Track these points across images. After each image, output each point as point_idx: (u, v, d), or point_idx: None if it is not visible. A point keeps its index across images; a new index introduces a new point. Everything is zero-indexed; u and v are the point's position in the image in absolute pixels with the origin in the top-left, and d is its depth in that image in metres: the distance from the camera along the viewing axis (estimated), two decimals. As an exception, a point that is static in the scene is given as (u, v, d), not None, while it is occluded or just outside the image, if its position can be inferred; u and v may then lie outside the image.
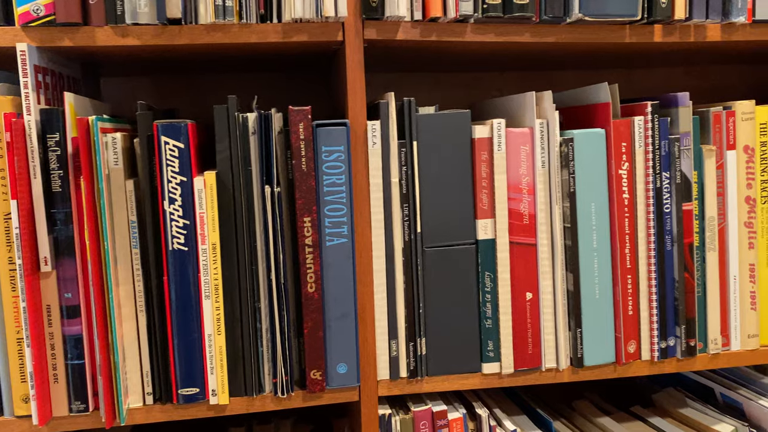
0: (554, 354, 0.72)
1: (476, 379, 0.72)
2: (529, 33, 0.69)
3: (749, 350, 0.77)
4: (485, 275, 0.71)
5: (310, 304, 0.67)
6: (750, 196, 0.75)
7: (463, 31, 0.68)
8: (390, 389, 0.70)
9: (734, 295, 0.75)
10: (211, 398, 0.67)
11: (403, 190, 0.68)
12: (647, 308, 0.73)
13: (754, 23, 0.73)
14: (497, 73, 1.00)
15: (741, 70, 1.06)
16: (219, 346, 0.66)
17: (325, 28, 0.65)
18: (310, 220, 0.66)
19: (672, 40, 0.72)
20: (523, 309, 0.71)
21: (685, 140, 0.72)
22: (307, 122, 0.65)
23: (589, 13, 0.67)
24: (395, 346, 0.70)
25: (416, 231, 0.69)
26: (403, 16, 0.65)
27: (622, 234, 0.72)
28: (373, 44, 0.69)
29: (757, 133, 0.74)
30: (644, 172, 0.72)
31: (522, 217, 0.71)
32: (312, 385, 0.68)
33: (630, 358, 0.74)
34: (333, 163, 0.66)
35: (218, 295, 0.65)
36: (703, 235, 0.74)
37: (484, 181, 0.70)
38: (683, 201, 0.72)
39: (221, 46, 0.66)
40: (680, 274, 0.73)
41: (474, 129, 0.69)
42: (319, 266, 0.67)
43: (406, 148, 0.68)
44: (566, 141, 0.70)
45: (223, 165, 0.65)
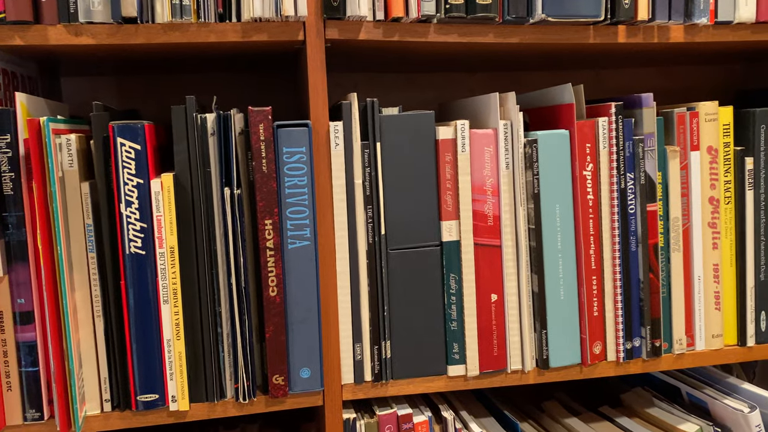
0: (520, 355, 0.72)
1: (442, 382, 0.71)
2: (493, 33, 0.69)
3: (713, 350, 0.77)
4: (450, 277, 0.70)
5: (272, 308, 0.66)
6: (714, 196, 0.75)
7: (426, 31, 0.67)
8: (354, 393, 0.70)
9: (699, 295, 0.76)
10: (171, 404, 0.65)
11: (367, 191, 0.68)
12: (612, 309, 0.73)
13: (717, 24, 0.73)
14: (468, 73, 1.00)
15: (710, 71, 1.07)
16: (178, 351, 0.65)
17: (285, 27, 0.64)
18: (272, 222, 0.65)
19: (636, 40, 0.72)
20: (488, 310, 0.71)
21: (650, 141, 0.72)
22: (268, 123, 0.64)
23: (552, 14, 0.67)
24: (359, 350, 0.69)
25: (380, 233, 0.68)
26: (365, 15, 0.64)
27: (587, 235, 0.72)
28: (336, 44, 0.68)
29: (721, 134, 0.74)
30: (609, 173, 0.71)
31: (486, 218, 0.70)
32: (274, 390, 0.67)
33: (596, 359, 0.73)
34: (295, 165, 0.65)
35: (177, 299, 0.64)
36: (668, 236, 0.74)
37: (448, 182, 0.69)
38: (648, 202, 0.72)
39: (179, 46, 0.65)
40: (645, 275, 0.73)
41: (438, 130, 0.69)
42: (281, 269, 0.66)
43: (369, 149, 0.67)
44: (530, 142, 0.70)
45: (182, 167, 0.64)
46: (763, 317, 0.78)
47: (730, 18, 0.72)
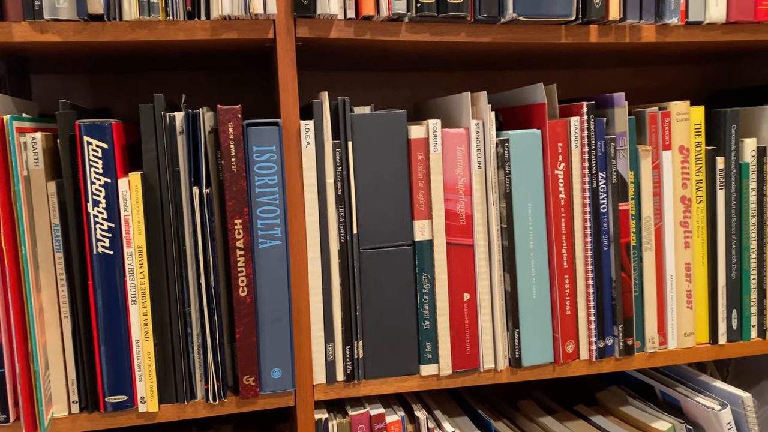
0: (492, 355, 0.72)
1: (414, 382, 0.71)
2: (465, 33, 0.69)
3: (686, 348, 0.77)
4: (423, 276, 0.70)
5: (242, 309, 0.65)
6: (685, 195, 0.75)
7: (397, 30, 0.67)
8: (327, 393, 0.69)
9: (671, 294, 0.76)
10: (140, 406, 0.65)
11: (339, 191, 0.67)
12: (585, 308, 0.73)
13: (688, 24, 0.73)
14: (445, 72, 1.00)
15: (686, 71, 1.07)
16: (147, 352, 0.64)
17: (255, 25, 0.64)
18: (242, 222, 0.64)
19: (608, 40, 0.72)
20: (460, 310, 0.71)
21: (621, 140, 0.72)
22: (237, 121, 0.63)
23: (523, 13, 0.67)
24: (332, 350, 0.69)
25: (352, 232, 0.68)
26: (335, 14, 0.64)
27: (559, 234, 0.72)
28: (308, 42, 0.68)
29: (692, 133, 0.75)
30: (580, 172, 0.72)
31: (459, 217, 0.70)
32: (245, 391, 0.66)
33: (568, 358, 0.74)
34: (265, 164, 0.65)
35: (146, 299, 0.63)
36: (640, 235, 0.74)
37: (420, 181, 0.69)
38: (619, 201, 0.73)
39: (148, 44, 0.64)
40: (617, 274, 0.73)
41: (410, 129, 0.68)
42: (252, 269, 0.65)
43: (341, 148, 0.67)
44: (502, 142, 0.70)
45: (150, 166, 0.63)
46: (735, 315, 0.78)
47: (700, 18, 0.72)
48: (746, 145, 0.76)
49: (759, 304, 0.79)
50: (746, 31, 0.75)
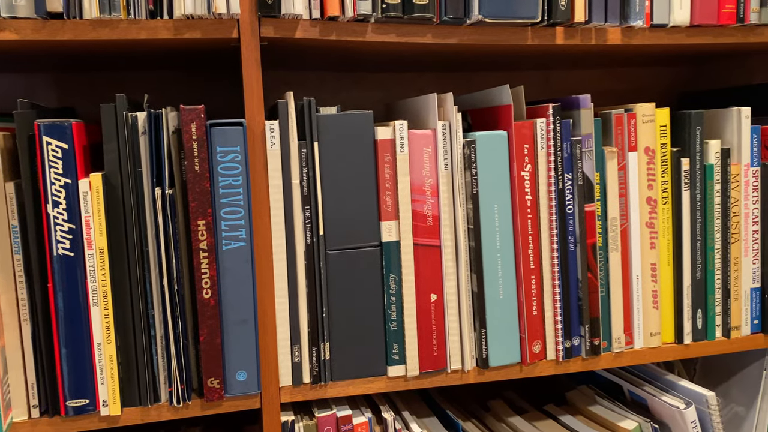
0: (459, 355, 0.72)
1: (382, 383, 0.71)
2: (431, 34, 0.69)
3: (652, 348, 0.78)
4: (390, 277, 0.70)
5: (206, 311, 0.65)
6: (651, 196, 0.76)
7: (363, 30, 0.67)
8: (293, 395, 0.69)
9: (637, 294, 0.77)
10: (102, 409, 0.64)
11: (305, 191, 0.67)
12: (551, 308, 0.74)
13: (653, 27, 0.74)
14: (418, 73, 1.00)
15: (657, 73, 1.09)
16: (109, 355, 0.63)
17: (219, 25, 0.63)
18: (205, 223, 0.64)
19: (574, 42, 0.72)
20: (427, 311, 0.71)
21: (587, 142, 0.73)
22: (200, 122, 0.63)
23: (488, 15, 0.67)
24: (298, 352, 0.68)
25: (319, 233, 0.67)
26: (300, 14, 0.63)
27: (525, 235, 0.72)
28: (274, 42, 0.68)
29: (658, 135, 0.76)
30: (547, 173, 0.72)
31: (426, 218, 0.70)
32: (209, 394, 0.66)
33: (535, 358, 0.74)
34: (229, 164, 0.64)
35: (107, 302, 0.63)
36: (606, 236, 0.75)
37: (387, 182, 0.69)
38: (585, 202, 0.73)
39: (110, 43, 0.63)
40: (583, 274, 0.74)
41: (377, 130, 0.68)
42: (216, 271, 0.65)
43: (306, 149, 0.67)
44: (469, 143, 0.70)
45: (112, 166, 0.63)
46: (700, 315, 0.79)
47: (665, 21, 0.73)
48: (711, 147, 0.77)
49: (723, 304, 0.80)
50: (710, 34, 0.76)
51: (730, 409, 0.90)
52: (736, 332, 0.81)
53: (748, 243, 0.80)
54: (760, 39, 0.77)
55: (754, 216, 0.80)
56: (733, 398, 0.90)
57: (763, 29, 0.77)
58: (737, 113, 0.78)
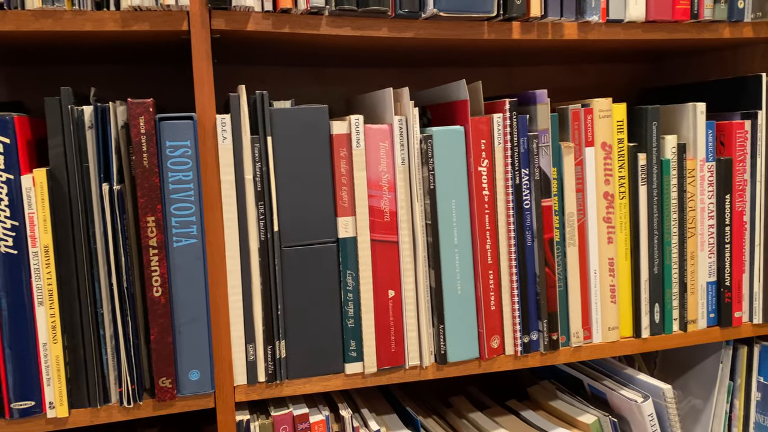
0: (418, 351, 0.72)
1: (339, 380, 0.70)
2: (387, 28, 0.68)
3: (610, 342, 0.79)
4: (347, 274, 0.69)
5: (157, 309, 0.64)
6: (608, 191, 0.76)
7: (317, 23, 0.66)
8: (248, 395, 0.68)
9: (595, 288, 0.77)
10: (49, 411, 0.62)
11: (258, 187, 0.66)
12: (509, 303, 0.74)
13: (609, 22, 0.74)
14: (380, 69, 0.99)
15: (619, 69, 1.09)
16: (56, 355, 0.61)
17: (168, 17, 0.62)
18: (154, 219, 0.62)
19: (530, 37, 0.72)
20: (385, 307, 0.70)
21: (544, 137, 0.73)
22: (149, 116, 0.61)
23: (443, 9, 0.66)
24: (252, 350, 0.67)
25: (273, 230, 0.66)
26: (251, 6, 0.62)
27: (483, 230, 0.72)
28: (227, 35, 0.66)
29: (614, 130, 0.76)
30: (504, 168, 0.72)
31: (383, 214, 0.69)
32: (161, 394, 0.65)
33: (494, 354, 0.74)
34: (179, 159, 0.63)
35: (53, 301, 0.61)
36: (563, 231, 0.75)
37: (343, 177, 0.68)
38: (543, 197, 0.73)
39: (54, 34, 0.62)
40: (541, 269, 0.74)
41: (332, 125, 0.68)
42: (166, 269, 0.63)
43: (260, 143, 0.65)
44: (425, 138, 0.69)
45: (57, 161, 0.61)
46: (657, 309, 0.80)
47: (621, 16, 0.73)
48: (667, 142, 0.78)
49: (680, 298, 0.81)
50: (665, 29, 0.76)
51: (689, 402, 0.91)
52: (693, 326, 0.82)
53: (704, 237, 0.81)
54: (714, 35, 0.78)
55: (710, 210, 0.81)
56: (691, 391, 0.91)
57: (717, 25, 0.78)
58: (693, 109, 0.79)
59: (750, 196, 0.82)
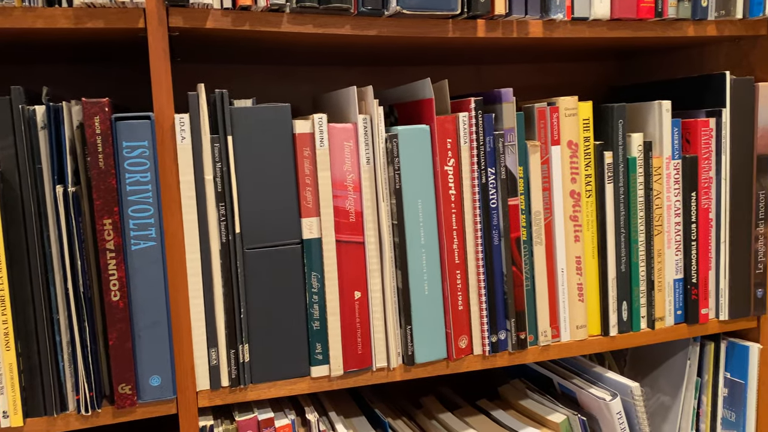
0: (385, 353, 0.71)
1: (305, 384, 0.69)
2: (350, 25, 0.67)
3: (578, 340, 0.78)
4: (312, 275, 0.68)
5: (115, 314, 0.62)
6: (575, 190, 0.76)
7: (279, 21, 0.65)
8: (211, 400, 0.66)
9: (562, 287, 0.77)
10: (3, 421, 0.60)
11: (219, 188, 0.64)
12: (477, 303, 0.73)
13: (574, 20, 0.74)
14: (347, 67, 0.98)
15: (588, 67, 1.09)
16: (9, 363, 0.60)
17: (123, 14, 0.60)
18: (111, 222, 0.61)
19: (495, 35, 0.72)
20: (351, 309, 0.69)
21: (510, 136, 0.72)
22: (104, 115, 0.60)
23: (406, 6, 0.66)
24: (215, 354, 0.66)
25: (235, 231, 0.65)
26: (210, 2, 0.61)
27: (450, 230, 0.71)
28: (185, 33, 0.65)
29: (581, 128, 0.76)
30: (470, 167, 0.71)
31: (348, 214, 0.69)
32: (120, 400, 0.63)
33: (462, 354, 0.73)
34: (136, 160, 0.61)
35: (5, 307, 0.59)
36: (530, 229, 0.75)
37: (307, 178, 0.67)
38: (509, 196, 0.73)
39: (3, 32, 0.60)
40: (508, 268, 0.74)
41: (295, 124, 0.66)
42: (124, 272, 0.62)
43: (220, 143, 0.64)
44: (391, 137, 0.69)
45: (8, 163, 0.59)
46: (625, 307, 0.80)
47: (586, 14, 0.73)
48: (633, 140, 0.78)
49: (648, 296, 0.81)
50: (630, 27, 0.76)
51: (658, 399, 0.91)
52: (661, 323, 0.82)
53: (671, 235, 0.81)
54: (679, 33, 0.78)
55: (676, 208, 0.81)
56: (660, 387, 0.91)
57: (681, 23, 0.78)
58: (659, 107, 0.79)
59: (715, 193, 0.82)
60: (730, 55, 0.89)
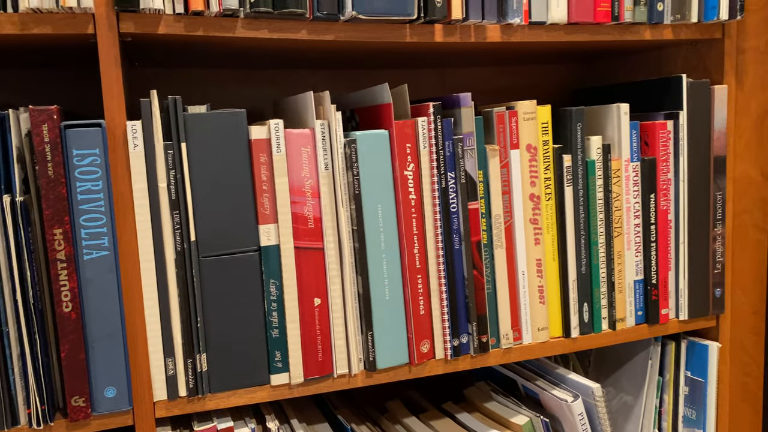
0: (346, 359, 0.71)
1: (265, 392, 0.68)
2: (306, 30, 0.66)
3: (540, 343, 0.79)
4: (270, 283, 0.68)
5: (67, 325, 0.61)
6: (534, 193, 0.77)
7: (233, 26, 0.64)
8: (169, 410, 0.65)
9: (523, 290, 0.77)
10: (-50, 437, 0.59)
11: (173, 195, 0.64)
12: (438, 307, 0.73)
13: (531, 25, 0.74)
14: (311, 71, 0.97)
15: (552, 71, 1.10)
16: (-44, 378, 0.58)
17: (71, 20, 0.59)
18: (62, 232, 0.60)
19: (453, 40, 0.72)
20: (311, 316, 0.69)
21: (469, 140, 0.72)
22: (53, 123, 0.58)
23: (362, 12, 0.65)
24: (172, 364, 0.65)
25: (190, 239, 0.64)
26: (160, 8, 0.60)
27: (410, 234, 0.71)
28: (137, 38, 0.64)
29: (539, 132, 0.76)
30: (430, 172, 0.71)
31: (307, 221, 0.68)
32: (74, 413, 0.62)
33: (424, 358, 0.73)
34: (87, 168, 0.60)
35: (-49, 320, 0.57)
36: (491, 233, 0.75)
37: (264, 184, 0.67)
38: (469, 200, 0.73)
39: (-53, 38, 0.58)
40: (469, 272, 0.74)
41: (251, 130, 0.66)
42: (77, 282, 0.61)
43: (173, 150, 0.63)
44: (349, 142, 0.68)
45: (-48, 173, 0.57)
46: (586, 309, 0.81)
47: (543, 19, 0.74)
48: (592, 143, 0.79)
49: (609, 297, 0.82)
50: (587, 31, 0.77)
51: (621, 398, 0.92)
52: (622, 324, 0.83)
53: (631, 236, 0.82)
54: (636, 37, 0.79)
55: (636, 210, 0.82)
56: (623, 387, 0.92)
57: (638, 27, 0.79)
58: (617, 110, 0.80)
59: (674, 195, 0.83)
60: (688, 58, 0.90)
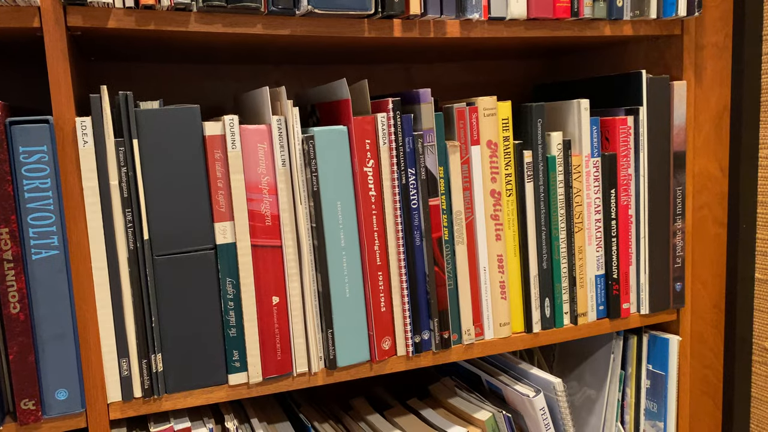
0: (306, 357, 0.70)
1: (222, 392, 0.68)
2: (261, 24, 0.65)
3: (502, 338, 0.79)
4: (227, 282, 0.67)
5: (15, 327, 0.59)
6: (495, 189, 0.77)
7: (186, 20, 0.63)
8: (123, 411, 0.64)
9: (485, 285, 0.77)
10: None
11: (125, 193, 0.62)
12: (400, 304, 0.73)
13: (491, 20, 0.74)
14: (274, 66, 0.96)
15: (517, 66, 1.10)
16: None
17: (16, 13, 0.57)
18: (9, 231, 0.58)
19: (412, 35, 0.71)
20: (269, 314, 0.68)
21: (429, 136, 0.72)
22: (-3, 120, 0.57)
23: (318, 6, 0.64)
24: (126, 365, 0.64)
25: (143, 238, 0.63)
26: (109, 1, 0.59)
27: (370, 231, 0.71)
28: (87, 32, 0.62)
29: (500, 128, 0.76)
30: (390, 168, 0.71)
31: (264, 218, 0.67)
32: (23, 417, 0.60)
33: (385, 355, 0.73)
34: (35, 166, 0.59)
35: None
36: (452, 229, 0.75)
37: (219, 181, 0.66)
38: (430, 196, 0.73)
39: None
40: (430, 268, 0.73)
41: (205, 126, 0.65)
42: (25, 283, 0.59)
43: (125, 146, 0.62)
44: (307, 139, 0.68)
45: None
46: (548, 304, 0.81)
47: (502, 14, 0.74)
48: (552, 139, 0.79)
49: (570, 292, 0.82)
50: (547, 27, 0.77)
51: (584, 392, 0.93)
52: (583, 318, 0.83)
53: (591, 231, 0.83)
54: (596, 33, 0.79)
55: (596, 205, 0.83)
56: (586, 381, 0.93)
57: (598, 23, 0.79)
58: (577, 105, 0.80)
59: (634, 190, 0.84)
60: (649, 54, 0.91)
